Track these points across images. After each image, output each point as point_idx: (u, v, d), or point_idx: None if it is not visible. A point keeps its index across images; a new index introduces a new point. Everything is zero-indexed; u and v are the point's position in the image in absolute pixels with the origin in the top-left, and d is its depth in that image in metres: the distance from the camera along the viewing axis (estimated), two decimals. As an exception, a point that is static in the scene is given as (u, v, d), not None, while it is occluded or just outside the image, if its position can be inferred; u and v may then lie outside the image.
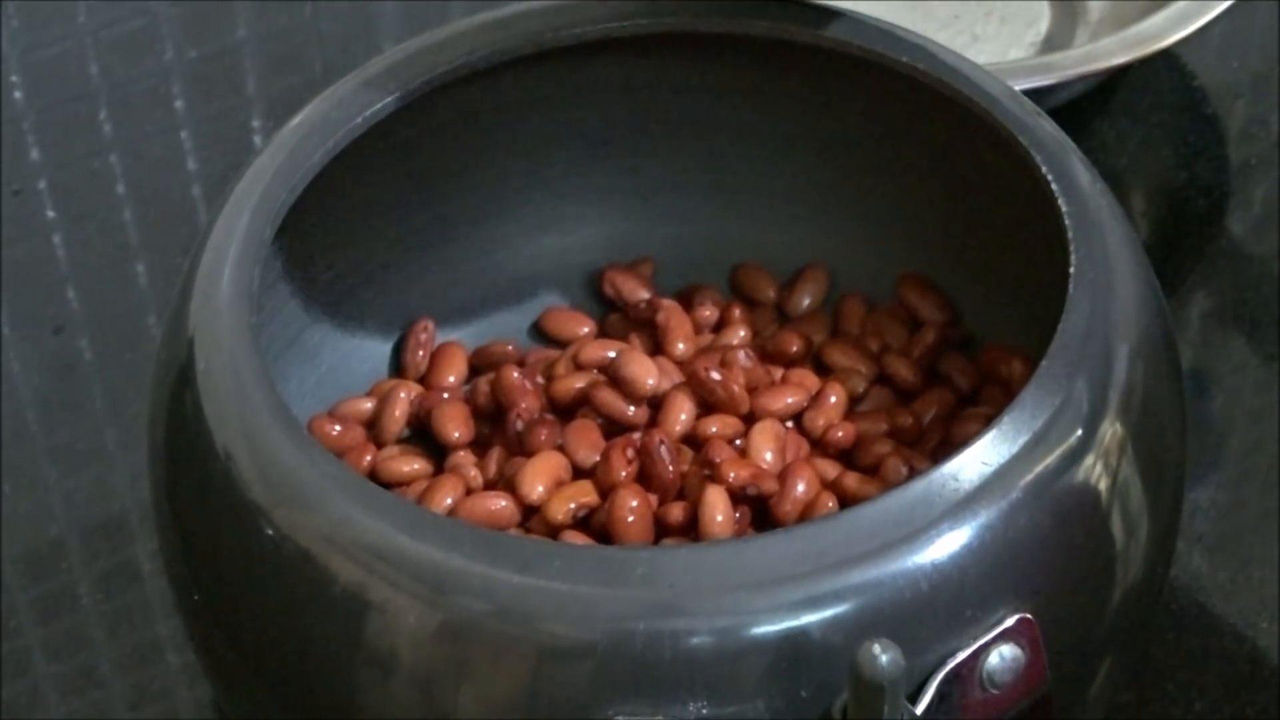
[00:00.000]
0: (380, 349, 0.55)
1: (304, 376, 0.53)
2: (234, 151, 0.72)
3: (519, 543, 0.41)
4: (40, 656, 0.57)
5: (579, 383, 0.52)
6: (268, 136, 0.50)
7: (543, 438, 0.51)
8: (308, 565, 0.41)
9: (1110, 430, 0.43)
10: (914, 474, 0.47)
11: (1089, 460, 0.43)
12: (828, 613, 0.39)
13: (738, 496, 0.49)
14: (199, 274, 0.46)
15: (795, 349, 0.54)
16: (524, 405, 0.51)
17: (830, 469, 0.50)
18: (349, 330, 0.54)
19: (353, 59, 0.52)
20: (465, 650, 0.40)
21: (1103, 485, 0.43)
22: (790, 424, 0.52)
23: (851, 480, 0.49)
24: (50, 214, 0.71)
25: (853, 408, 0.52)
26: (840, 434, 0.51)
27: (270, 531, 0.42)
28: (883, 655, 0.37)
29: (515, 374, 0.52)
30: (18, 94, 0.75)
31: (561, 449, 0.50)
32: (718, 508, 0.48)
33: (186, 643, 0.47)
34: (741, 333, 0.55)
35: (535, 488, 0.49)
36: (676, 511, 0.49)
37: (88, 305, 0.67)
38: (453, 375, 0.54)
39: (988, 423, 0.42)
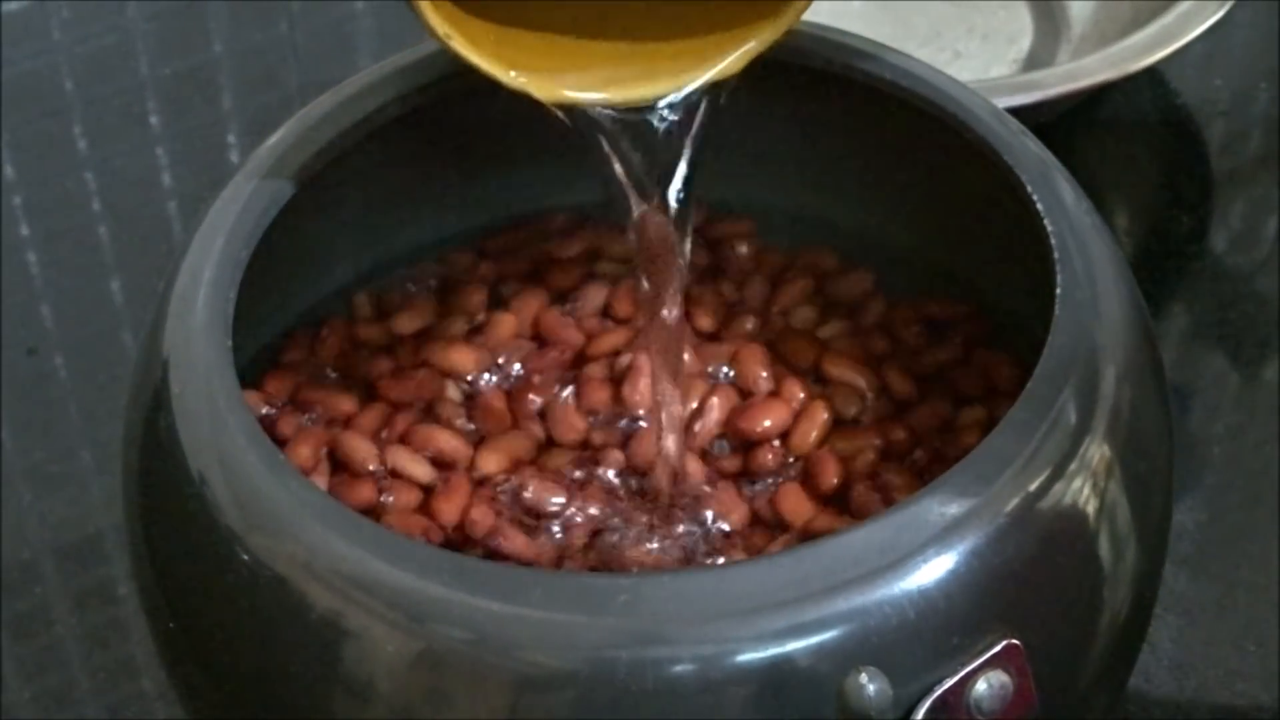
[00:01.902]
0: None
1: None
2: (210, 168, 0.72)
3: (498, 570, 0.41)
4: (14, 679, 0.57)
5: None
6: (244, 153, 0.50)
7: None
8: (283, 592, 0.41)
9: (1097, 452, 0.43)
10: (900, 499, 0.46)
11: (1076, 483, 0.42)
12: (812, 641, 0.39)
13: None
14: (174, 296, 0.46)
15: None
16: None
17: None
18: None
19: (329, 76, 0.51)
20: (444, 679, 0.39)
21: (1090, 508, 0.43)
22: (777, 443, 0.51)
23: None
24: (24, 232, 0.70)
25: (842, 424, 0.52)
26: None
27: (245, 557, 0.41)
28: (869, 684, 0.37)
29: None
30: (-9, 110, 0.74)
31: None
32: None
33: (161, 665, 0.47)
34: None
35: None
36: None
37: (62, 325, 0.67)
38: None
39: (976, 443, 0.42)
